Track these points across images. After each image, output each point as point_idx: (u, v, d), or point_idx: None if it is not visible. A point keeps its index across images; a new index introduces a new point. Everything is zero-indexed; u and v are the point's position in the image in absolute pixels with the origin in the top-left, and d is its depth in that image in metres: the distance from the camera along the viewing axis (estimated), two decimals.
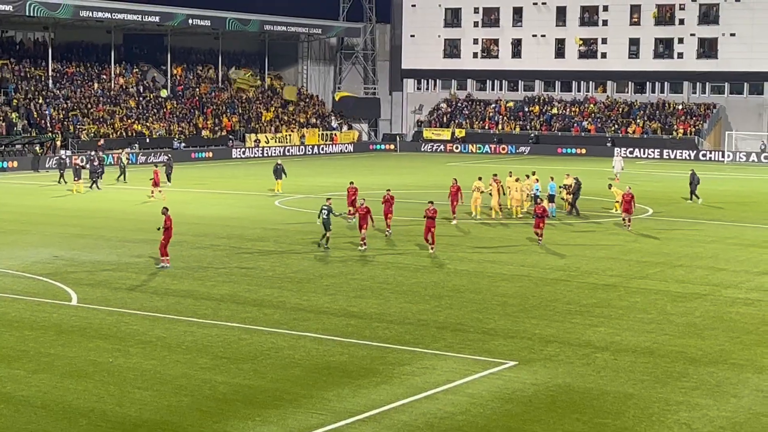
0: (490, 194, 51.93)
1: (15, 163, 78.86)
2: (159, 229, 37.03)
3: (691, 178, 60.49)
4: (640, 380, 23.24)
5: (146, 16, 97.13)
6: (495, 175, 53.67)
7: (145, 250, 40.25)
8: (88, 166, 67.52)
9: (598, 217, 52.48)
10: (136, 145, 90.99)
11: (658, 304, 31.59)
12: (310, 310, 30.19)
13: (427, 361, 24.60)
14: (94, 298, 31.43)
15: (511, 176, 54.31)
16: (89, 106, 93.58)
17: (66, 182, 66.21)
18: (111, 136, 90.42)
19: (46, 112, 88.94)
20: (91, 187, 64.01)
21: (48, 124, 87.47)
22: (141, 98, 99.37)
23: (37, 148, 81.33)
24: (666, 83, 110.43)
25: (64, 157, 73.11)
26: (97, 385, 22.33)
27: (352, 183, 51.48)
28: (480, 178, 52.88)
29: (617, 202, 52.38)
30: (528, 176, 54.64)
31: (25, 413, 20.33)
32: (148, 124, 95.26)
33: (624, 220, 48.00)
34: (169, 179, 67.83)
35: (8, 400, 21.11)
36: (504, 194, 52.80)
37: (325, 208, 41.00)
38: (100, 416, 20.23)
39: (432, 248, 40.46)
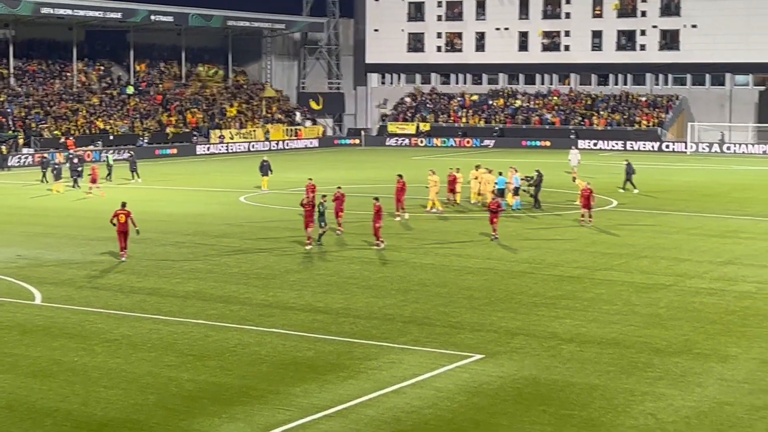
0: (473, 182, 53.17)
1: None
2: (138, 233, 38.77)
3: (627, 168, 61.50)
4: (605, 371, 23.35)
5: (108, 13, 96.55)
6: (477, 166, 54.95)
7: (110, 248, 40.00)
8: (68, 165, 66.18)
9: (562, 210, 52.64)
10: (100, 142, 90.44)
11: (622, 295, 31.75)
12: (277, 306, 30.13)
13: (393, 356, 24.61)
14: (58, 297, 31.23)
15: (477, 169, 54.74)
16: (51, 103, 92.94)
17: (48, 182, 65.16)
18: (74, 133, 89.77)
19: (8, 110, 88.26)
20: (73, 186, 63.05)
21: (10, 123, 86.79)
22: (104, 95, 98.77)
23: (3, 148, 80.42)
24: (629, 75, 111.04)
25: (47, 156, 72.16)
26: (62, 384, 22.19)
27: (310, 179, 49.79)
28: (477, 167, 54.61)
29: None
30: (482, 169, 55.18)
31: None
32: (111, 121, 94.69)
33: (583, 216, 46.94)
34: (135, 175, 67.55)
35: None
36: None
37: (321, 205, 41.09)
38: (65, 416, 20.11)
39: (379, 244, 40.29)
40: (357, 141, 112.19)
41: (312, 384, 22.22)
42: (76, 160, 65.49)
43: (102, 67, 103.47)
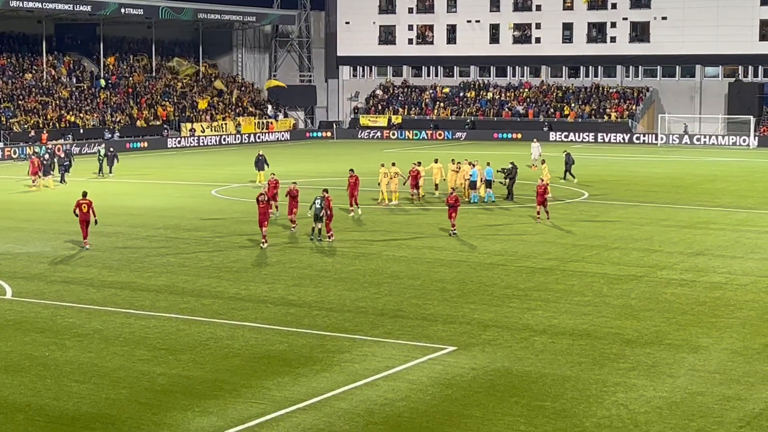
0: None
1: None
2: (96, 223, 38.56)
3: (567, 159, 62.14)
4: (577, 362, 23.45)
5: (78, 6, 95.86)
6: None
7: (80, 242, 39.78)
8: (56, 160, 64.52)
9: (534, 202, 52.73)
10: (70, 136, 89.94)
11: (594, 286, 31.88)
12: (249, 299, 30.09)
13: (366, 348, 24.63)
14: (29, 292, 31.07)
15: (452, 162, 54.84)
16: (21, 97, 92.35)
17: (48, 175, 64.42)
18: (43, 127, 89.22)
19: None
20: (61, 181, 62.29)
21: None
22: (74, 89, 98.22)
23: None
24: (599, 67, 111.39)
25: (50, 149, 71.08)
26: (33, 379, 22.09)
27: (273, 175, 48.57)
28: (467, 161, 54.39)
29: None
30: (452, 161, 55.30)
31: None
32: (81, 114, 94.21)
33: (539, 213, 45.62)
34: (111, 170, 67.21)
35: None
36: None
37: (319, 199, 39.73)
38: (37, 411, 20.02)
39: (329, 238, 40.18)
40: (329, 134, 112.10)
41: (285, 377, 22.21)
42: (62, 155, 64.58)
43: (72, 61, 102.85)
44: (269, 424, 19.31)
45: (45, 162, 61.24)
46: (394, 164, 52.87)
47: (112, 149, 70.27)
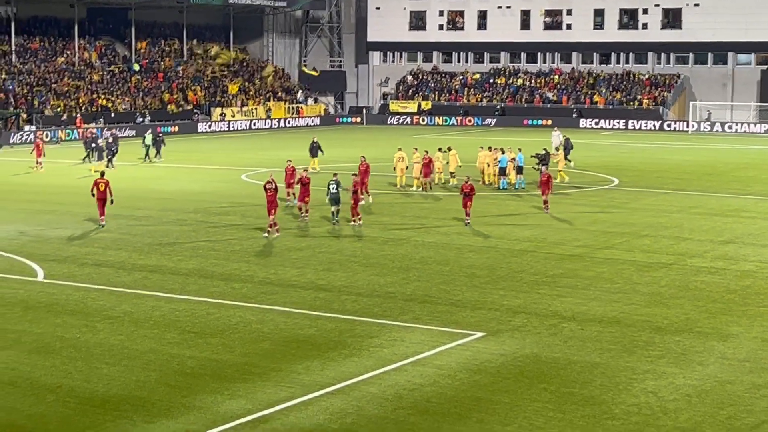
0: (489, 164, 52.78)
1: None
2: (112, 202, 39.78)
3: (565, 143, 61.82)
4: (606, 349, 23.40)
5: None
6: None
7: (112, 226, 40.05)
8: (103, 144, 63.73)
9: (566, 189, 52.59)
10: (101, 119, 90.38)
11: (624, 273, 31.78)
12: (278, 283, 30.17)
13: (395, 333, 24.66)
14: (60, 274, 31.28)
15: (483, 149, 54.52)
16: (53, 81, 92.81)
17: (87, 161, 63.98)
18: (75, 111, 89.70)
19: (10, 87, 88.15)
20: (107, 165, 62.13)
21: (12, 100, 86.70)
22: (105, 73, 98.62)
23: None
24: (631, 54, 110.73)
25: (95, 133, 70.94)
26: (64, 361, 22.26)
27: (290, 162, 46.94)
28: (490, 149, 53.96)
29: (560, 171, 53.90)
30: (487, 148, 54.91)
31: None
32: (113, 98, 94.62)
33: (545, 203, 44.33)
34: (159, 154, 66.86)
35: None
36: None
37: (333, 182, 40.31)
38: (68, 392, 20.17)
39: (355, 221, 40.30)
40: (358, 119, 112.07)
41: (314, 361, 22.28)
42: (111, 140, 64.17)
43: (104, 45, 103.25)
44: (298, 407, 19.38)
45: (99, 146, 60.89)
46: (416, 149, 52.67)
47: (160, 134, 69.66)
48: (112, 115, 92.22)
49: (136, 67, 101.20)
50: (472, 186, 41.00)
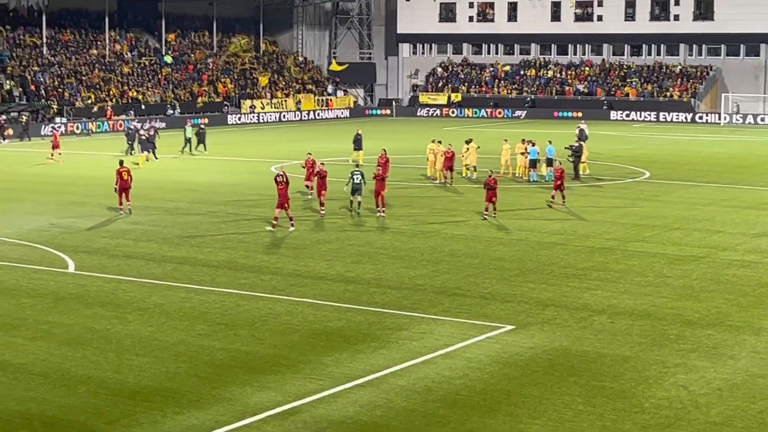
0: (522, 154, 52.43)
1: (10, 131, 78.33)
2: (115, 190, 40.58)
3: (579, 134, 61.19)
4: (637, 343, 23.29)
5: None
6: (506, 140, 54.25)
7: (142, 218, 40.23)
8: (145, 137, 62.20)
9: (599, 181, 52.37)
10: (132, 111, 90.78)
11: (655, 266, 31.62)
12: (308, 276, 30.19)
13: (424, 326, 24.63)
14: (91, 266, 31.42)
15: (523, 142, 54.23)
16: (84, 73, 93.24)
17: (130, 153, 63.54)
18: (106, 103, 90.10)
19: (41, 79, 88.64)
20: (147, 159, 61.43)
21: (43, 92, 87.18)
22: (136, 65, 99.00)
23: (24, 117, 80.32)
24: (662, 46, 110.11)
25: (135, 125, 70.55)
26: (95, 352, 22.36)
27: (310, 155, 46.78)
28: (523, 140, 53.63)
29: (583, 162, 53.61)
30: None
31: (24, 381, 20.35)
32: (143, 90, 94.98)
33: (553, 197, 43.50)
34: (204, 147, 66.22)
35: (6, 368, 21.13)
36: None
37: (357, 173, 40.73)
38: (99, 383, 20.26)
39: (380, 212, 40.45)
40: (388, 111, 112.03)
41: (343, 354, 22.28)
42: (152, 132, 63.42)
43: (134, 37, 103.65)
44: (327, 400, 19.39)
45: (143, 138, 60.54)
46: (440, 142, 52.52)
47: (203, 127, 68.43)
48: (143, 107, 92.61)
49: (168, 59, 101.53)
50: (496, 179, 40.59)
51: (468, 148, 53.07)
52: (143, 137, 60.67)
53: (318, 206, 41.33)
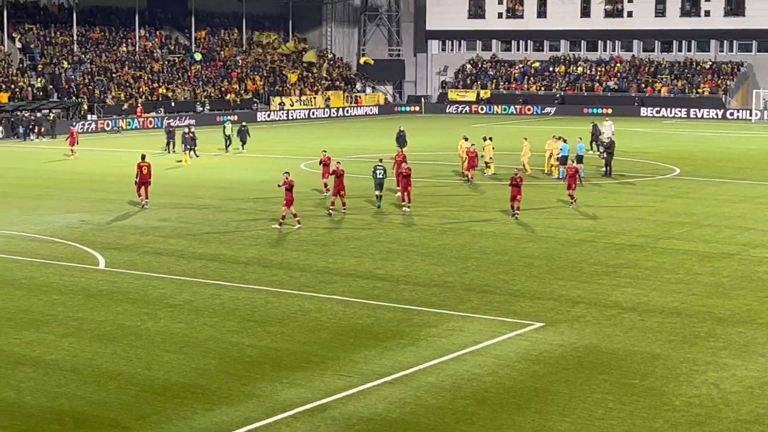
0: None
1: (42, 128, 78.76)
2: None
3: (593, 129, 60.93)
4: (667, 340, 23.18)
5: None
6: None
7: (171, 215, 40.40)
8: (189, 135, 61.31)
9: (631, 178, 52.15)
10: (161, 109, 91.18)
11: (685, 264, 31.45)
12: (337, 272, 30.22)
13: (453, 323, 24.60)
14: (121, 262, 31.57)
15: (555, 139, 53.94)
16: (114, 70, 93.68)
17: (175, 151, 63.54)
18: (136, 101, 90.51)
19: (72, 77, 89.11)
20: (192, 156, 60.61)
21: (74, 89, 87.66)
22: (166, 62, 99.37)
23: (51, 115, 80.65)
24: (693, 42, 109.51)
25: (174, 124, 70.14)
26: (125, 348, 22.46)
27: (325, 152, 46.93)
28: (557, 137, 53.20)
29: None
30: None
31: (55, 377, 20.48)
32: (173, 87, 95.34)
33: (572, 197, 42.07)
34: (243, 147, 65.71)
35: (37, 364, 21.27)
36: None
37: (380, 168, 41.45)
38: (129, 379, 20.36)
39: (405, 206, 40.88)
40: (417, 108, 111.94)
41: (372, 351, 22.29)
42: (192, 130, 62.76)
43: (164, 34, 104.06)
44: (356, 396, 19.41)
45: (186, 136, 59.89)
46: (466, 139, 52.43)
47: (244, 124, 67.65)
48: (173, 104, 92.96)
49: (198, 56, 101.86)
50: (522, 177, 40.08)
51: (484, 147, 53.16)
52: (187, 136, 60.13)
53: (329, 204, 41.02)
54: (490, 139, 53.72)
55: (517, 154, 53.86)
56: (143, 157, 42.97)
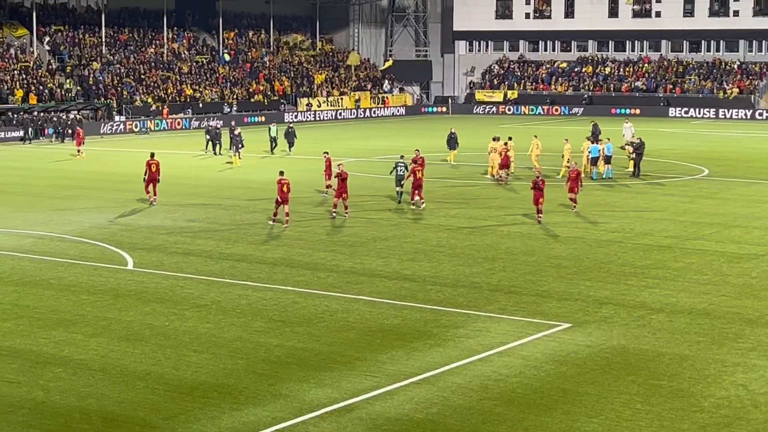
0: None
1: (70, 129, 79.10)
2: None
3: (593, 129, 60.66)
4: (696, 341, 23.07)
5: None
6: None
7: (200, 215, 40.54)
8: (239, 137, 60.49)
9: (658, 178, 51.94)
10: (189, 110, 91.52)
11: (714, 265, 31.30)
12: (364, 273, 30.24)
13: (480, 324, 24.58)
14: (149, 263, 31.70)
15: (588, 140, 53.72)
16: (142, 71, 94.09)
17: (217, 153, 63.33)
18: (163, 102, 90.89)
19: (100, 78, 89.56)
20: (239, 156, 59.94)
21: (102, 90, 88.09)
22: (193, 63, 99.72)
23: (72, 115, 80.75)
24: (721, 42, 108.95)
25: (213, 124, 69.44)
26: (153, 348, 22.55)
27: (326, 153, 46.99)
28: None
29: (631, 159, 53.11)
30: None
31: (83, 376, 20.58)
32: (200, 89, 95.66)
33: (574, 201, 41.07)
34: (290, 149, 65.11)
35: (66, 364, 21.39)
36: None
37: (401, 164, 42.60)
38: (157, 379, 20.44)
39: (416, 204, 41.67)
40: (444, 109, 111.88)
41: (399, 351, 22.29)
42: (237, 131, 61.27)
43: (192, 36, 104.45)
44: (383, 397, 19.41)
45: (237, 138, 59.25)
46: (496, 139, 52.38)
47: (291, 126, 66.84)
48: (200, 105, 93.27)
49: (227, 57, 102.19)
50: (544, 180, 39.37)
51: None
52: (236, 137, 59.45)
53: (334, 209, 40.51)
54: (510, 139, 53.77)
55: (555, 155, 53.73)
56: (152, 155, 44.09)
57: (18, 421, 18.20)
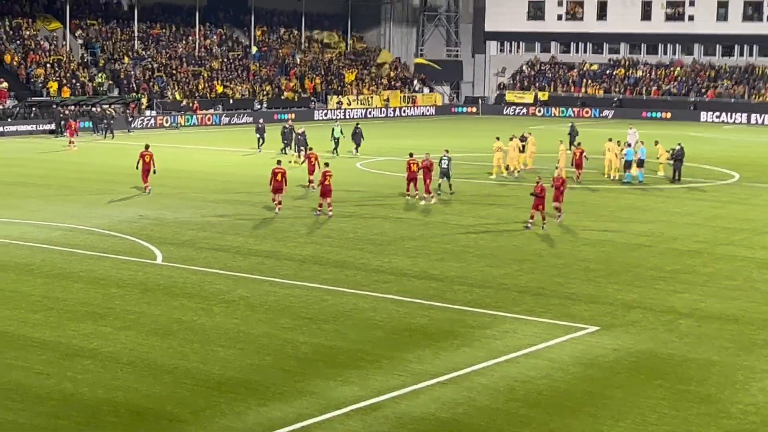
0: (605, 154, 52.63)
1: (105, 123, 79.33)
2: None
3: (570, 130, 60.25)
4: (724, 347, 22.96)
5: None
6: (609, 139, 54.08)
7: (229, 210, 40.66)
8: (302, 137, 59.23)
9: (689, 183, 51.68)
10: (220, 106, 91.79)
11: (743, 270, 31.13)
12: (392, 272, 30.25)
13: (507, 325, 24.55)
14: (178, 257, 31.83)
15: (611, 141, 53.48)
16: (174, 67, 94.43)
17: (291, 152, 61.83)
18: (195, 97, 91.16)
19: (132, 73, 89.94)
20: (299, 156, 58.63)
21: (134, 85, 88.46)
22: (225, 60, 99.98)
23: (109, 111, 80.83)
24: (755, 46, 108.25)
25: (288, 126, 68.68)
26: (181, 342, 22.65)
27: (311, 149, 48.18)
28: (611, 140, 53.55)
29: (661, 163, 53.31)
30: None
31: (111, 369, 20.70)
32: (231, 85, 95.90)
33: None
34: (356, 150, 64.02)
35: (95, 357, 21.51)
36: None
37: (445, 158, 44.81)
38: (185, 373, 20.53)
39: (426, 199, 42.98)
40: (474, 109, 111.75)
41: (426, 351, 22.30)
42: (301, 131, 60.21)
43: (223, 32, 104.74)
44: (409, 396, 19.43)
45: (300, 137, 58.49)
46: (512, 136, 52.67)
47: (359, 126, 65.81)
48: (231, 101, 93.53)
49: (254, 49, 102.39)
50: (563, 180, 38.91)
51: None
52: (300, 137, 58.97)
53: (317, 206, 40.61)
54: (530, 134, 54.22)
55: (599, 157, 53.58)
56: (147, 147, 45.87)
57: (46, 412, 18.33)
